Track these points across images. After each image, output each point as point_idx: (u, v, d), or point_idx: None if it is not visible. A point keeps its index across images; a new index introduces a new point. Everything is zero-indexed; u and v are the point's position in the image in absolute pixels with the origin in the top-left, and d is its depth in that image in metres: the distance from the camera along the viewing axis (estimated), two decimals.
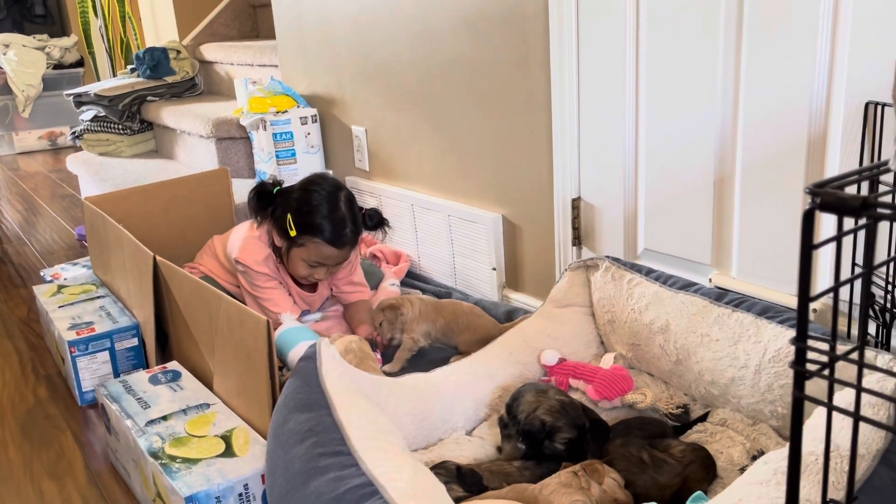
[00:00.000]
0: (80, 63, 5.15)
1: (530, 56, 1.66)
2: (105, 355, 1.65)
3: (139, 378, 1.43)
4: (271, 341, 1.21)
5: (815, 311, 1.25)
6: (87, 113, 3.26)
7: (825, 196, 0.49)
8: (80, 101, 3.28)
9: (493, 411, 1.35)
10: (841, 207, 0.49)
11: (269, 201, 1.70)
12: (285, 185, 1.73)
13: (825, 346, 0.56)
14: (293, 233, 1.64)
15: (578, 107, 1.59)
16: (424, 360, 1.61)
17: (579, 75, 1.57)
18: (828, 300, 1.26)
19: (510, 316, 1.73)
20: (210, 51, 3.29)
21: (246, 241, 1.72)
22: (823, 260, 1.26)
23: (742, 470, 1.11)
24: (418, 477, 0.95)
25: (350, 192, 1.72)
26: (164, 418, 1.28)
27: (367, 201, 2.29)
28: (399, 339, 1.61)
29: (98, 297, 1.85)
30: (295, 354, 1.48)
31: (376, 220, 1.76)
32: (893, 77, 0.53)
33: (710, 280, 1.42)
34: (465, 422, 1.32)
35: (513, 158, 1.78)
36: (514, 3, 1.67)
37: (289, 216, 1.65)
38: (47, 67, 4.95)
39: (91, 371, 1.64)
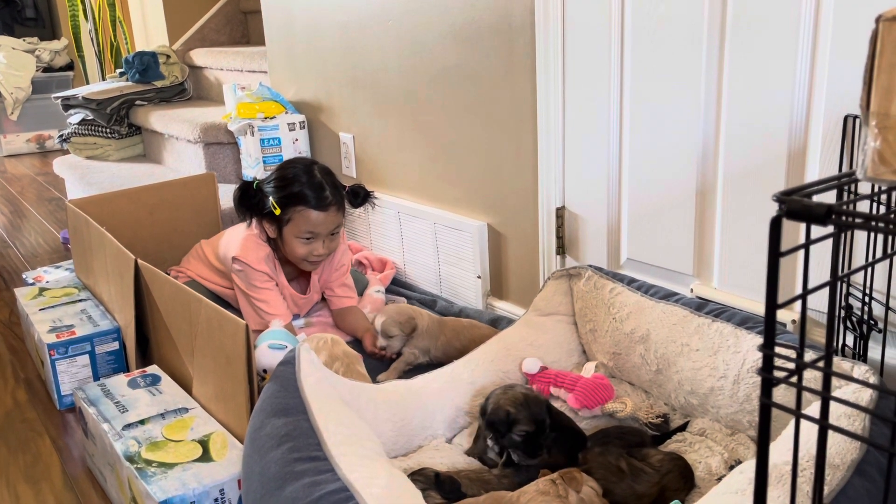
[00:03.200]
0: (69, 66, 5.14)
1: (516, 67, 1.67)
2: (85, 359, 1.63)
3: (118, 382, 1.42)
4: (250, 346, 1.21)
5: (793, 322, 1.26)
6: (75, 116, 3.25)
7: (791, 204, 0.49)
8: (69, 104, 3.27)
9: (473, 419, 1.35)
10: (807, 215, 0.49)
11: (252, 197, 1.71)
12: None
13: (794, 354, 0.56)
14: (278, 211, 1.66)
15: (563, 117, 1.60)
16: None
17: (564, 86, 1.58)
18: (811, 310, 1.26)
19: (494, 324, 1.73)
20: (200, 56, 3.29)
21: (246, 239, 1.73)
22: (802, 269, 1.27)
23: (720, 479, 1.12)
24: (394, 483, 0.94)
25: (326, 165, 1.75)
26: (142, 422, 1.27)
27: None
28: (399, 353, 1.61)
29: (80, 301, 1.84)
30: (259, 352, 1.50)
31: (362, 196, 1.78)
32: (862, 86, 0.53)
33: (692, 290, 1.43)
34: (444, 429, 1.32)
35: (498, 167, 1.79)
36: (501, 14, 1.67)
37: (271, 199, 1.67)
38: (36, 70, 4.94)
39: (70, 374, 1.63)
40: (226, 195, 2.36)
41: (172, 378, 1.45)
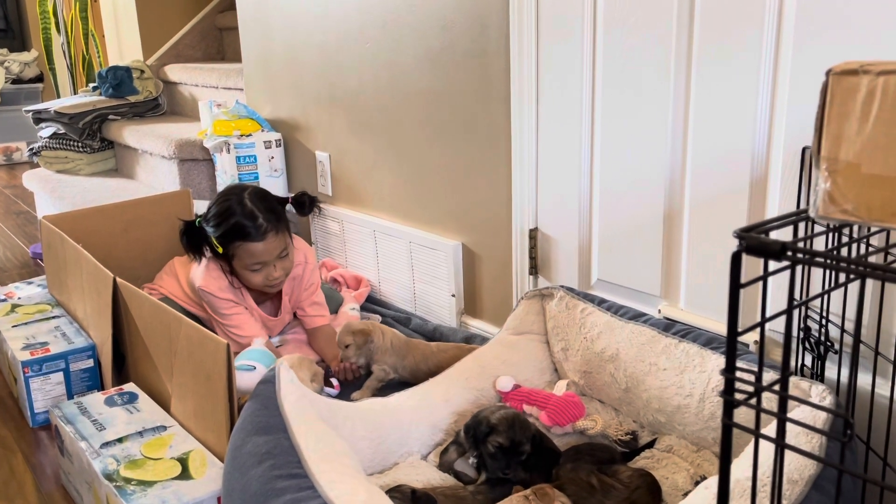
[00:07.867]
0: (39, 79, 5.09)
1: (491, 90, 1.72)
2: (59, 376, 1.63)
3: (95, 400, 1.43)
4: (231, 364, 1.22)
5: (755, 342, 1.31)
6: (46, 130, 3.23)
7: (750, 240, 0.54)
8: (40, 117, 3.25)
9: (448, 436, 1.38)
10: (763, 251, 0.54)
11: (199, 236, 1.72)
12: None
13: (754, 378, 0.61)
14: (220, 249, 1.67)
15: (537, 140, 1.65)
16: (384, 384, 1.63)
17: (538, 110, 1.63)
18: (774, 333, 1.32)
19: (468, 342, 1.76)
20: (175, 72, 3.30)
21: (208, 268, 1.73)
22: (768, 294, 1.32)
23: (686, 495, 1.16)
24: (373, 500, 0.97)
25: (258, 187, 1.75)
26: (120, 440, 1.28)
27: (329, 226, 2.31)
28: (364, 366, 1.63)
29: (53, 318, 1.83)
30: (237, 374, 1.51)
31: (308, 203, 1.80)
32: (814, 133, 0.58)
33: (660, 311, 1.48)
34: (420, 446, 1.35)
35: (473, 188, 1.83)
36: (477, 39, 1.72)
37: (212, 239, 1.68)
38: (5, 82, 4.88)
39: (44, 392, 1.62)
40: (200, 212, 2.37)
41: (150, 396, 1.46)
